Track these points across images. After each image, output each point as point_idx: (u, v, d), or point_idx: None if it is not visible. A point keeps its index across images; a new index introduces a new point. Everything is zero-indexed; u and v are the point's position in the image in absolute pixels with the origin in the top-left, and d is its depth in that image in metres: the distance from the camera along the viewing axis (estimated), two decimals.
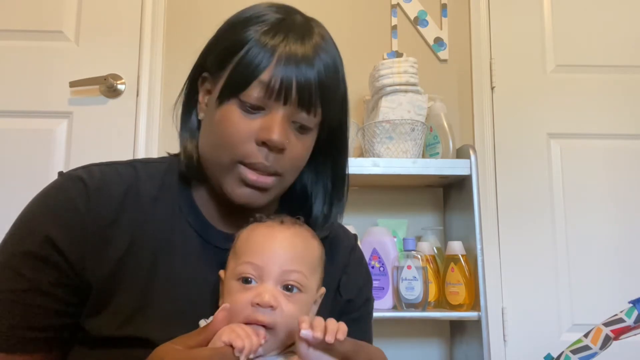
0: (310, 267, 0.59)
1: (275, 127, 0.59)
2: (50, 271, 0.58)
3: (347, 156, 0.72)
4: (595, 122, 1.68)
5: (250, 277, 0.55)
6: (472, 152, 1.42)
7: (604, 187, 1.65)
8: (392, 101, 1.42)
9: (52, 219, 0.60)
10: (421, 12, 1.74)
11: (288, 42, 0.61)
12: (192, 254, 0.65)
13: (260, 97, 0.60)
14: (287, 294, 0.55)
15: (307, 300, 0.58)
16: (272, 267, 0.55)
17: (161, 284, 0.61)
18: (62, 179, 0.64)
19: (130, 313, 0.59)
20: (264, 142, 0.60)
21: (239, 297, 0.54)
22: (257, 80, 0.60)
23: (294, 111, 0.61)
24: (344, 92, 0.68)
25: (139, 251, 0.62)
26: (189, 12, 1.71)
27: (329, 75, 0.63)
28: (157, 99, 1.63)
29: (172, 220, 0.65)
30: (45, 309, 0.58)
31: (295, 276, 0.56)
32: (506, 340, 1.57)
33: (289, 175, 0.64)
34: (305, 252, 0.59)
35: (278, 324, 0.53)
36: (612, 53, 1.71)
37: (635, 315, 0.57)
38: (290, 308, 0.54)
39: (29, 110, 1.58)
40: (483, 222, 1.42)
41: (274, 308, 0.53)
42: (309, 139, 0.65)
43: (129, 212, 0.63)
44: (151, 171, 0.68)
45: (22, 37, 1.61)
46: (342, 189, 0.72)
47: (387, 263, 1.38)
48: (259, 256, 0.56)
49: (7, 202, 1.46)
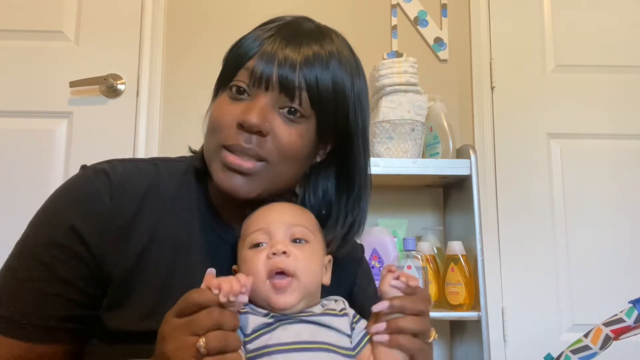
0: (311, 225, 0.62)
1: (254, 110, 0.60)
2: (72, 261, 0.59)
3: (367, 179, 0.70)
4: (595, 122, 1.68)
5: (260, 241, 0.59)
6: (472, 152, 1.42)
7: (604, 187, 1.65)
8: (392, 101, 1.42)
9: (77, 210, 0.61)
10: (421, 12, 1.74)
11: (280, 35, 0.63)
12: (210, 252, 0.66)
13: (245, 83, 0.62)
14: (297, 245, 0.59)
15: (316, 250, 0.61)
16: (278, 226, 0.59)
17: (180, 280, 0.62)
18: (86, 171, 0.65)
19: (149, 308, 0.60)
20: (241, 124, 0.60)
21: (254, 260, 0.57)
22: (244, 68, 0.62)
23: (277, 98, 0.62)
24: (348, 90, 0.66)
25: (159, 247, 0.63)
26: (189, 12, 1.70)
27: (318, 62, 0.62)
28: (157, 99, 1.63)
29: (190, 219, 0.66)
30: (66, 299, 0.59)
31: (300, 229, 0.60)
32: (506, 340, 1.57)
33: (278, 164, 0.62)
34: (304, 214, 0.64)
35: (298, 269, 0.56)
36: (612, 53, 1.71)
37: (635, 315, 0.57)
38: (304, 255, 0.58)
39: (29, 110, 1.58)
40: (483, 222, 1.42)
41: (288, 254, 0.56)
42: (300, 128, 0.63)
43: (150, 208, 0.64)
44: (171, 170, 0.69)
45: (22, 37, 1.61)
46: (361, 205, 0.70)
47: (387, 263, 1.38)
48: (264, 221, 0.60)
49: (7, 202, 1.46)
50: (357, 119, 0.67)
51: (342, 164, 0.69)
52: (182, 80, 1.65)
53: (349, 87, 0.66)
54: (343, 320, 0.58)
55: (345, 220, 0.68)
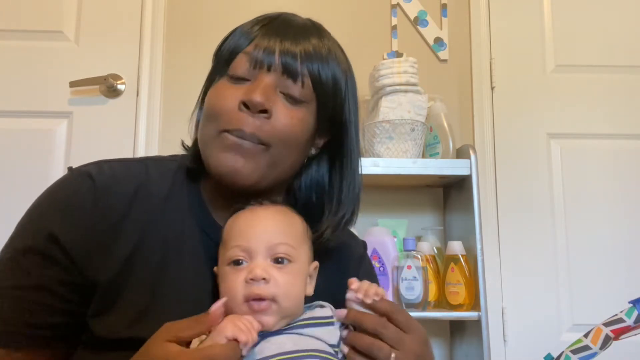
0: (296, 239, 0.59)
1: (257, 89, 0.60)
2: (52, 268, 0.58)
3: (359, 168, 0.71)
4: (595, 122, 1.68)
5: (240, 258, 0.56)
6: (472, 152, 1.41)
7: (604, 187, 1.64)
8: (392, 101, 1.42)
9: (57, 216, 0.60)
10: (421, 12, 1.74)
11: (276, 21, 0.63)
12: (201, 254, 0.64)
13: (245, 68, 0.61)
14: (278, 266, 0.56)
15: (299, 269, 0.59)
16: (259, 244, 0.56)
17: (170, 283, 0.61)
18: (71, 175, 0.64)
19: (139, 313, 0.59)
20: (245, 104, 0.60)
21: (233, 279, 0.55)
22: (242, 53, 0.62)
23: (279, 78, 0.61)
24: (344, 84, 0.67)
25: (148, 249, 0.61)
26: (189, 12, 1.70)
27: (318, 53, 0.63)
28: (157, 99, 1.63)
29: (181, 220, 0.65)
30: (46, 306, 0.58)
31: (283, 248, 0.57)
32: (506, 340, 1.57)
33: (278, 149, 0.62)
34: (289, 226, 0.60)
35: (277, 294, 0.54)
36: (612, 53, 1.71)
37: (635, 315, 0.57)
38: (285, 278, 0.56)
39: (29, 110, 1.58)
40: (483, 222, 1.42)
41: (267, 280, 0.54)
42: (301, 112, 0.63)
43: (139, 209, 0.62)
44: (162, 170, 0.68)
45: (22, 37, 1.61)
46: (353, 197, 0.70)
47: (387, 263, 1.38)
48: (245, 237, 0.57)
49: (7, 202, 1.46)
50: (352, 113, 0.69)
51: (335, 154, 0.70)
52: (182, 80, 1.65)
53: (344, 82, 0.67)
54: (328, 330, 0.57)
55: (339, 207, 0.68)
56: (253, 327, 0.51)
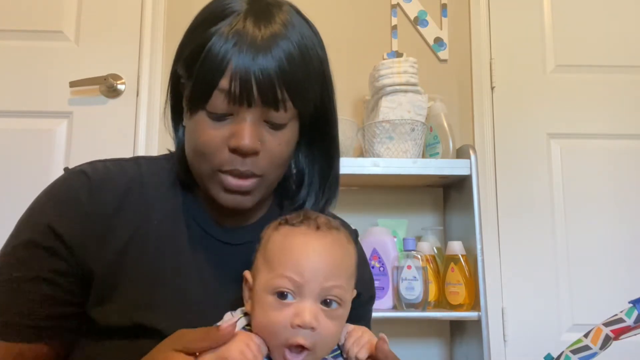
0: (349, 278, 0.57)
1: (245, 133, 0.59)
2: (51, 259, 0.60)
3: (337, 138, 0.72)
4: (595, 122, 1.68)
5: (288, 292, 0.52)
6: (472, 152, 1.42)
7: (604, 187, 1.65)
8: (392, 101, 1.42)
9: (54, 209, 0.62)
10: (421, 12, 1.74)
11: (243, 42, 0.58)
12: (196, 247, 0.66)
13: (225, 105, 0.59)
14: (326, 310, 0.53)
15: (344, 314, 0.56)
16: (312, 284, 0.52)
17: (167, 274, 0.63)
18: (66, 173, 0.66)
19: (138, 301, 0.60)
20: (235, 149, 0.60)
21: (276, 316, 0.52)
22: (217, 90, 0.58)
23: (261, 111, 0.60)
24: (319, 71, 0.65)
25: (143, 241, 0.63)
26: (189, 12, 1.69)
27: (293, 64, 0.59)
28: (157, 99, 1.63)
29: (175, 214, 0.67)
30: (47, 297, 0.60)
31: (336, 291, 0.53)
32: (506, 340, 1.57)
33: (271, 174, 0.64)
34: (344, 262, 0.57)
35: (317, 345, 0.52)
36: (612, 53, 1.71)
37: (635, 315, 0.57)
38: (330, 327, 0.53)
39: (29, 110, 1.57)
40: (483, 222, 1.42)
41: (315, 329, 0.51)
42: (286, 133, 0.63)
43: (133, 203, 0.64)
44: (155, 167, 0.70)
45: (22, 37, 1.61)
46: (333, 172, 0.73)
47: (387, 263, 1.38)
48: (297, 270, 0.52)
49: (7, 202, 1.46)
50: (330, 92, 0.69)
51: (313, 134, 0.71)
52: None
53: (318, 65, 0.65)
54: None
55: (320, 186, 0.72)
56: (260, 355, 0.50)
